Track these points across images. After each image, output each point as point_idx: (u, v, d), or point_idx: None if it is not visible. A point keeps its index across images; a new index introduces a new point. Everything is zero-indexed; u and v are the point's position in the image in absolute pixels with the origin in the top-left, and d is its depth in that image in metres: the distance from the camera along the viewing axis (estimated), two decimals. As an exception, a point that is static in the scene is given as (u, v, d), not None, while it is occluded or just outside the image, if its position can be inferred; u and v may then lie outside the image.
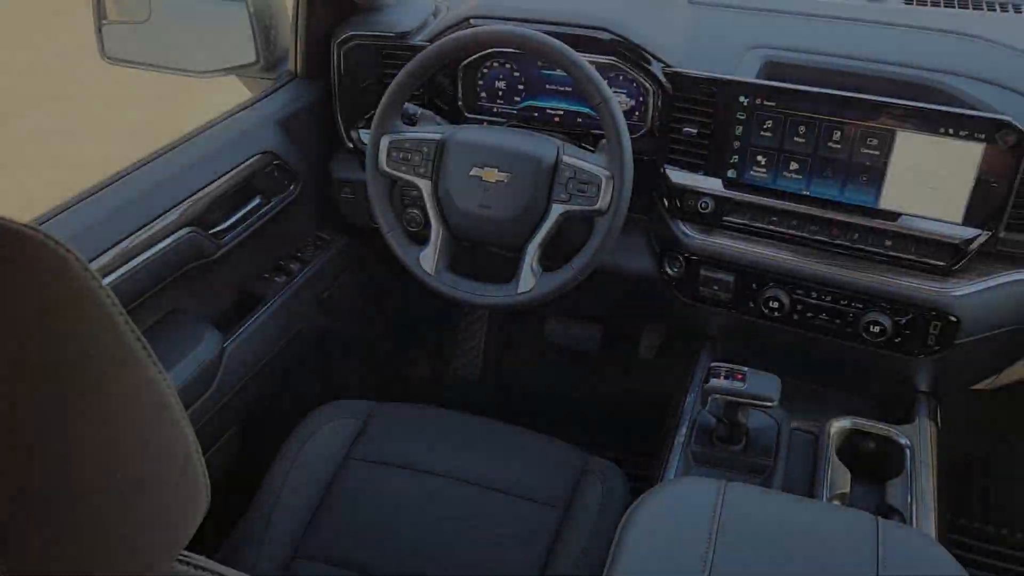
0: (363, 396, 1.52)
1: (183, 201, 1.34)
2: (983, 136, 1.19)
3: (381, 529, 1.27)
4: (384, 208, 1.40)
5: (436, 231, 1.37)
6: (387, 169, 1.37)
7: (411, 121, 1.44)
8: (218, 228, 1.42)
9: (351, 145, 1.64)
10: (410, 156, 1.35)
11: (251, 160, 1.48)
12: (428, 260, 1.37)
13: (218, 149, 1.44)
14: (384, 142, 1.36)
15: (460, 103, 1.57)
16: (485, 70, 1.55)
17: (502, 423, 1.46)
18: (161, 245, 1.29)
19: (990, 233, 1.24)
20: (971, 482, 2.00)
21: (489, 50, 1.51)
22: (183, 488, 0.57)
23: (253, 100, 1.58)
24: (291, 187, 1.58)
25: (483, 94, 1.57)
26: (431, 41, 1.52)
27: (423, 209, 1.43)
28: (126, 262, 1.23)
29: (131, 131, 4.10)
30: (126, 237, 1.24)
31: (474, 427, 1.44)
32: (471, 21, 1.49)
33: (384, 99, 1.36)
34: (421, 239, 1.41)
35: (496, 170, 1.31)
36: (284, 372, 1.67)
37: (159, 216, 1.30)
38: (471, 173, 1.32)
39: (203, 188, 1.38)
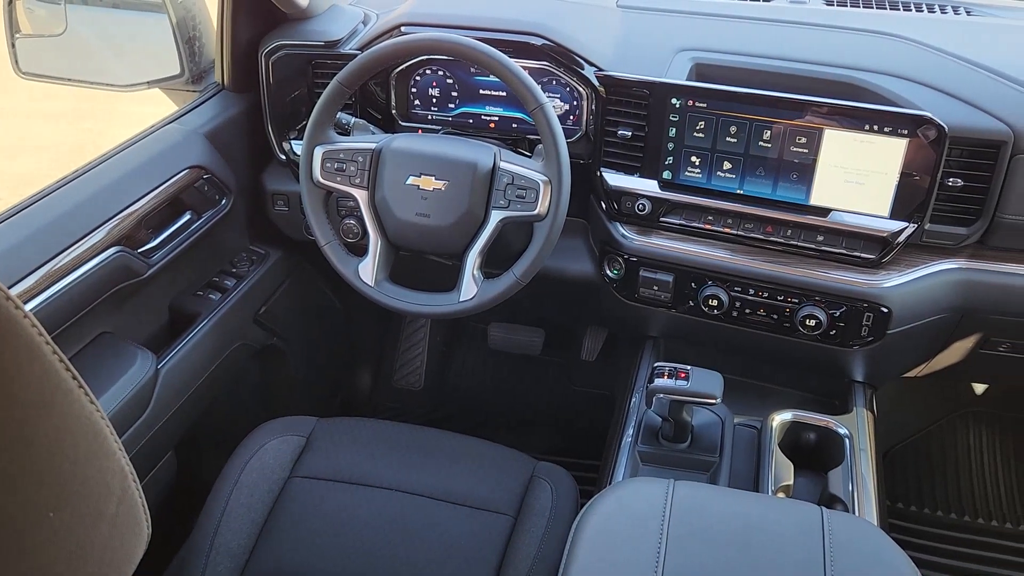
0: (305, 412, 1.49)
1: (110, 220, 1.30)
2: (905, 132, 1.23)
3: (329, 547, 1.25)
4: (320, 220, 1.38)
5: (374, 241, 1.35)
6: (322, 180, 1.35)
7: (344, 131, 1.42)
8: (148, 246, 1.38)
9: (283, 157, 1.61)
10: (345, 166, 1.33)
11: (180, 175, 1.43)
12: (367, 271, 1.36)
13: (144, 165, 1.39)
14: (318, 153, 1.34)
15: (394, 111, 1.55)
16: (418, 77, 1.54)
17: (448, 432, 1.44)
18: (88, 266, 1.25)
19: (916, 225, 1.28)
20: (906, 467, 2.07)
21: (422, 57, 1.50)
22: (122, 521, 0.54)
23: (179, 113, 1.53)
24: (222, 201, 1.54)
25: (417, 102, 1.55)
26: (362, 49, 1.50)
27: (360, 219, 1.41)
28: (51, 285, 1.18)
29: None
30: (50, 259, 1.19)
31: (420, 438, 1.43)
32: (402, 28, 1.48)
33: (316, 109, 1.33)
34: (359, 250, 1.39)
35: (433, 178, 1.30)
36: (222, 391, 1.62)
37: (85, 236, 1.25)
38: (408, 182, 1.31)
39: (130, 206, 1.34)
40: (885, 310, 1.33)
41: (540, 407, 2.24)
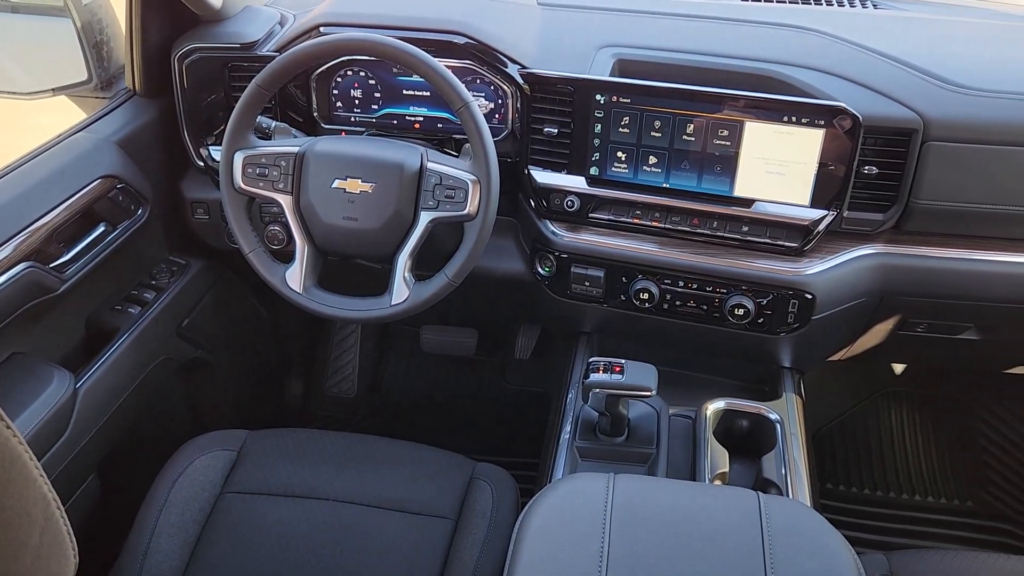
0: (236, 425, 1.44)
1: (17, 235, 1.23)
2: (822, 122, 1.26)
3: (266, 562, 1.21)
4: (243, 227, 1.34)
5: (301, 247, 1.32)
6: (243, 186, 1.31)
7: (265, 135, 1.38)
8: (60, 260, 1.31)
9: (201, 163, 1.56)
10: (267, 171, 1.30)
11: (91, 185, 1.37)
12: (295, 278, 1.32)
13: (53, 176, 1.33)
14: (238, 158, 1.30)
15: (315, 114, 1.52)
16: (339, 79, 1.51)
17: (383, 438, 1.42)
18: None
19: (835, 213, 1.32)
20: (834, 448, 2.13)
21: (343, 58, 1.47)
22: (47, 550, 0.51)
23: (88, 121, 1.47)
24: (139, 211, 1.49)
25: (339, 103, 1.53)
26: (280, 51, 1.46)
27: (285, 225, 1.38)
28: None
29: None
30: None
31: (355, 445, 1.40)
32: (321, 29, 1.45)
33: (234, 114, 1.29)
34: (286, 256, 1.35)
35: (359, 181, 1.28)
36: (147, 407, 1.57)
37: None
38: (333, 185, 1.28)
39: (39, 219, 1.27)
40: (809, 296, 1.36)
41: (476, 408, 2.23)
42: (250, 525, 1.26)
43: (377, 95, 1.51)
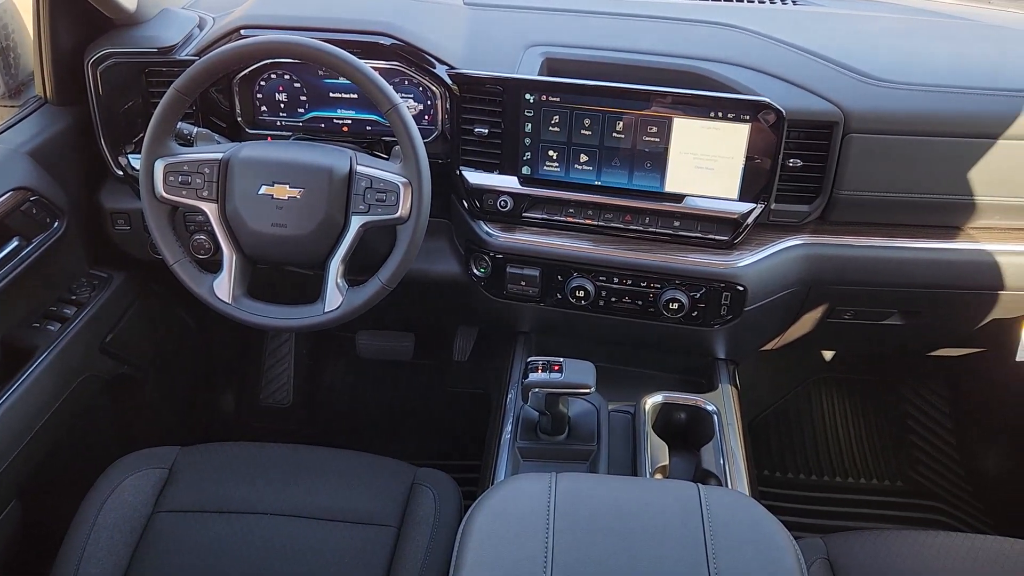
0: (166, 442, 1.40)
1: None
2: (747, 117, 1.28)
3: (203, 583, 1.18)
4: (167, 237, 1.29)
5: (228, 256, 1.28)
6: (165, 195, 1.26)
7: (187, 142, 1.34)
8: (-30, 278, 1.25)
9: (120, 172, 1.51)
10: (190, 179, 1.26)
11: (1, 199, 1.31)
12: (223, 288, 1.29)
13: None
14: (159, 166, 1.26)
15: (239, 119, 1.48)
16: (263, 82, 1.48)
17: (321, 448, 1.40)
18: None
19: (763, 206, 1.34)
20: (769, 436, 2.18)
21: (265, 61, 1.44)
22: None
23: (-3, 131, 1.40)
24: (54, 224, 1.43)
25: (263, 108, 1.49)
26: (199, 55, 1.42)
27: (211, 234, 1.34)
28: None
29: None
30: None
31: (292, 456, 1.37)
32: (242, 32, 1.41)
33: (153, 120, 1.25)
34: (213, 266, 1.32)
35: (287, 186, 1.25)
36: (71, 428, 1.50)
37: None
38: (260, 191, 1.25)
39: None
40: (741, 288, 1.39)
41: (416, 412, 2.21)
42: (184, 545, 1.22)
43: (303, 98, 1.48)
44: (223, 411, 2.13)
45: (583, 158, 1.37)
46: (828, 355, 2.18)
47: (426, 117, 1.46)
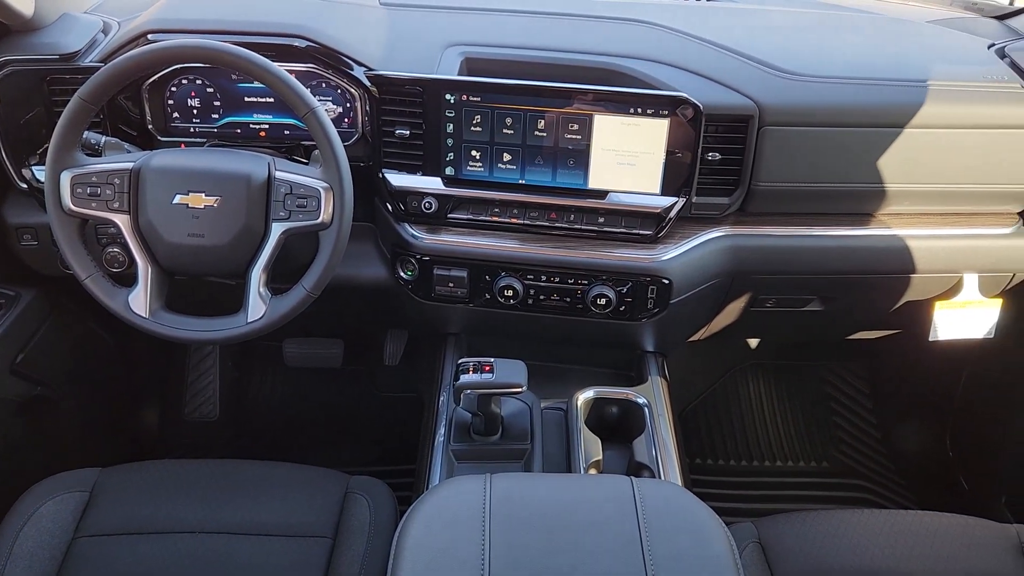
0: (87, 464, 1.34)
1: None
2: (666, 112, 1.30)
3: (130, 608, 1.14)
4: (77, 251, 1.24)
5: (144, 269, 1.24)
6: (73, 208, 1.21)
7: (95, 151, 1.29)
8: None
9: (24, 185, 1.44)
10: (100, 190, 1.21)
11: None
12: (139, 302, 1.24)
13: None
14: (65, 178, 1.20)
15: (150, 126, 1.43)
16: (174, 88, 1.43)
17: (250, 461, 1.36)
18: None
19: (684, 199, 1.36)
20: (699, 425, 2.22)
21: (176, 66, 1.39)
22: None
23: None
24: None
25: (176, 114, 1.44)
26: (105, 61, 1.37)
27: (125, 247, 1.29)
28: None
29: None
30: None
31: (220, 471, 1.33)
32: (149, 36, 1.36)
33: (57, 130, 1.20)
34: (128, 280, 1.27)
35: (203, 195, 1.21)
36: (-19, 455, 1.43)
37: None
38: (175, 201, 1.21)
39: None
40: (666, 281, 1.41)
41: (349, 420, 2.18)
42: (108, 569, 1.18)
43: (217, 103, 1.44)
44: (147, 429, 2.06)
45: (506, 157, 1.36)
46: (753, 343, 2.23)
47: (346, 120, 1.44)
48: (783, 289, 1.56)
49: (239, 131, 1.45)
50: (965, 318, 1.58)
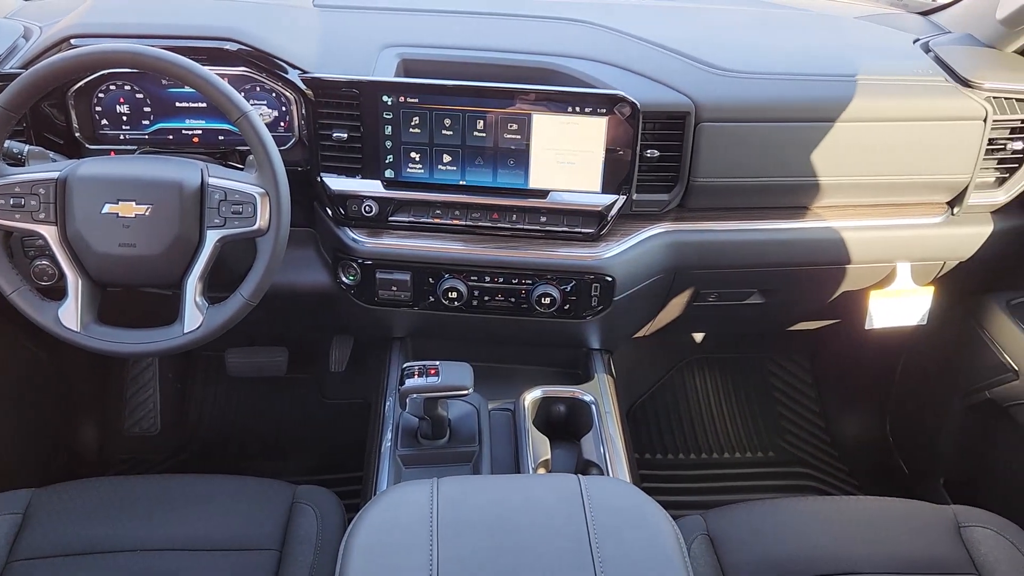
0: (22, 485, 1.29)
1: None
2: (604, 111, 1.31)
3: (69, 633, 1.10)
4: (1, 265, 1.20)
5: (73, 281, 1.20)
6: None
7: (18, 161, 1.24)
8: None
9: (-56, 198, 1.38)
10: (24, 201, 1.17)
11: None
12: (70, 315, 1.20)
13: None
14: None
15: (77, 134, 1.39)
16: (101, 94, 1.39)
17: (193, 475, 1.33)
18: None
19: (625, 197, 1.37)
20: (647, 420, 2.24)
21: (102, 72, 1.35)
22: None
23: None
24: None
25: (104, 121, 1.40)
26: (26, 67, 1.32)
27: (53, 259, 1.24)
28: None
29: None
30: None
31: (161, 487, 1.30)
32: (72, 41, 1.32)
33: None
34: (57, 293, 1.23)
35: (134, 203, 1.18)
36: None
37: None
38: (104, 211, 1.17)
39: None
40: (609, 279, 1.41)
41: (295, 428, 2.14)
42: (45, 594, 1.14)
43: (147, 109, 1.40)
44: (84, 445, 2.00)
45: (446, 158, 1.36)
46: (698, 337, 2.26)
47: (281, 124, 1.41)
48: (724, 283, 1.58)
49: (171, 137, 1.42)
50: (899, 306, 1.62)
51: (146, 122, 1.41)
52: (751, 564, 1.24)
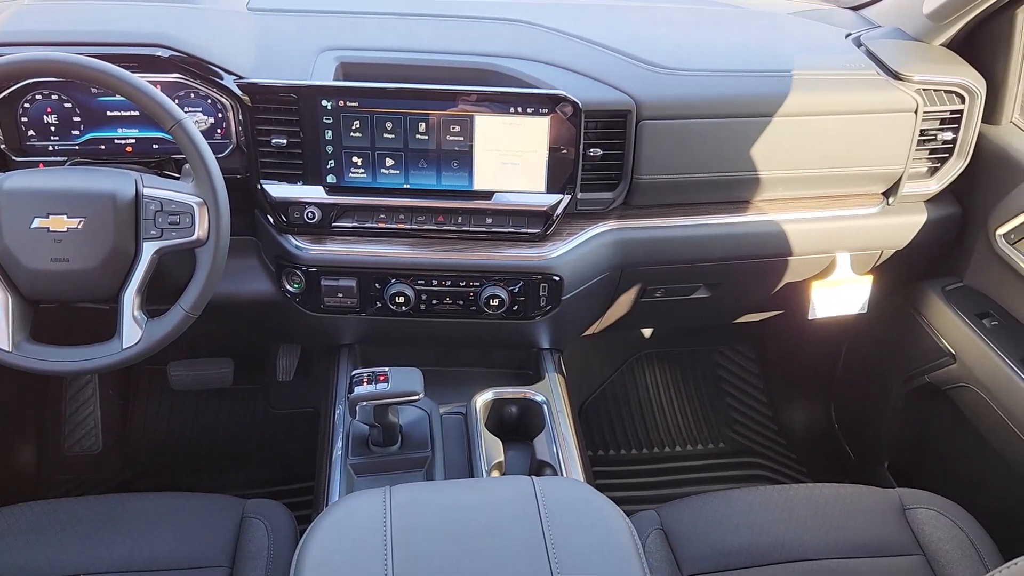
0: None
1: None
2: (546, 110, 1.31)
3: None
4: (-75, 284, 1.15)
5: (3, 299, 1.16)
6: None
7: (-60, 176, 1.19)
8: None
9: None
10: (-54, 217, 1.12)
11: None
12: (0, 334, 1.16)
13: None
14: None
15: (2, 146, 1.34)
16: (27, 104, 1.34)
17: (137, 494, 1.29)
18: None
19: (569, 196, 1.37)
20: (600, 417, 2.25)
21: (26, 82, 1.30)
22: None
23: None
24: None
25: (31, 132, 1.35)
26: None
27: (-20, 276, 1.20)
28: None
29: None
30: None
31: (104, 508, 1.26)
32: (-6, 50, 1.27)
33: None
34: (-13, 312, 1.18)
35: (65, 216, 1.14)
36: None
37: None
38: (34, 225, 1.13)
39: None
40: (557, 278, 1.42)
41: (243, 441, 2.10)
42: (-17, 625, 1.09)
43: (77, 119, 1.36)
44: (21, 468, 1.93)
45: (389, 162, 1.34)
46: (647, 332, 2.28)
47: (218, 131, 1.38)
48: (670, 278, 1.59)
49: (103, 147, 1.37)
50: (840, 295, 1.65)
51: (76, 132, 1.36)
52: (704, 556, 1.26)
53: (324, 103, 1.30)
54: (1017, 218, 1.48)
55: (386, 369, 1.24)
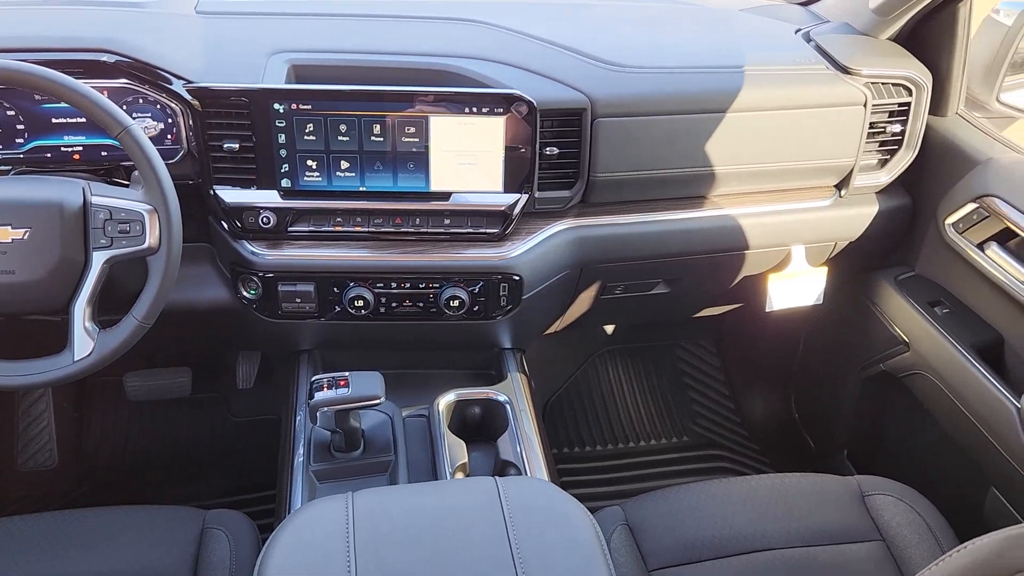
0: None
1: None
2: (501, 110, 1.31)
3: None
4: None
5: (-53, 314, 1.13)
6: None
7: None
8: None
9: None
10: None
11: None
12: (-54, 350, 1.13)
13: None
14: None
15: (-57, 156, 1.30)
16: (-32, 112, 1.30)
17: (94, 509, 1.27)
18: None
19: (527, 195, 1.37)
20: (564, 415, 2.25)
21: (-35, 88, 1.27)
22: None
23: None
24: None
25: (-28, 141, 1.32)
26: None
27: (-78, 291, 1.16)
28: None
29: None
30: None
31: (60, 524, 1.23)
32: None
33: None
34: (-70, 327, 1.15)
35: (9, 227, 1.11)
36: None
37: None
38: None
39: None
40: (517, 278, 1.41)
41: (204, 451, 2.07)
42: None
43: (20, 127, 1.32)
44: None
45: (344, 165, 1.33)
46: (608, 329, 2.29)
47: (168, 136, 1.35)
48: (629, 275, 1.60)
49: (49, 155, 1.34)
50: (796, 287, 1.68)
51: (20, 140, 1.33)
52: (669, 549, 1.26)
53: (276, 106, 1.28)
54: (965, 207, 1.51)
55: (346, 374, 1.23)
